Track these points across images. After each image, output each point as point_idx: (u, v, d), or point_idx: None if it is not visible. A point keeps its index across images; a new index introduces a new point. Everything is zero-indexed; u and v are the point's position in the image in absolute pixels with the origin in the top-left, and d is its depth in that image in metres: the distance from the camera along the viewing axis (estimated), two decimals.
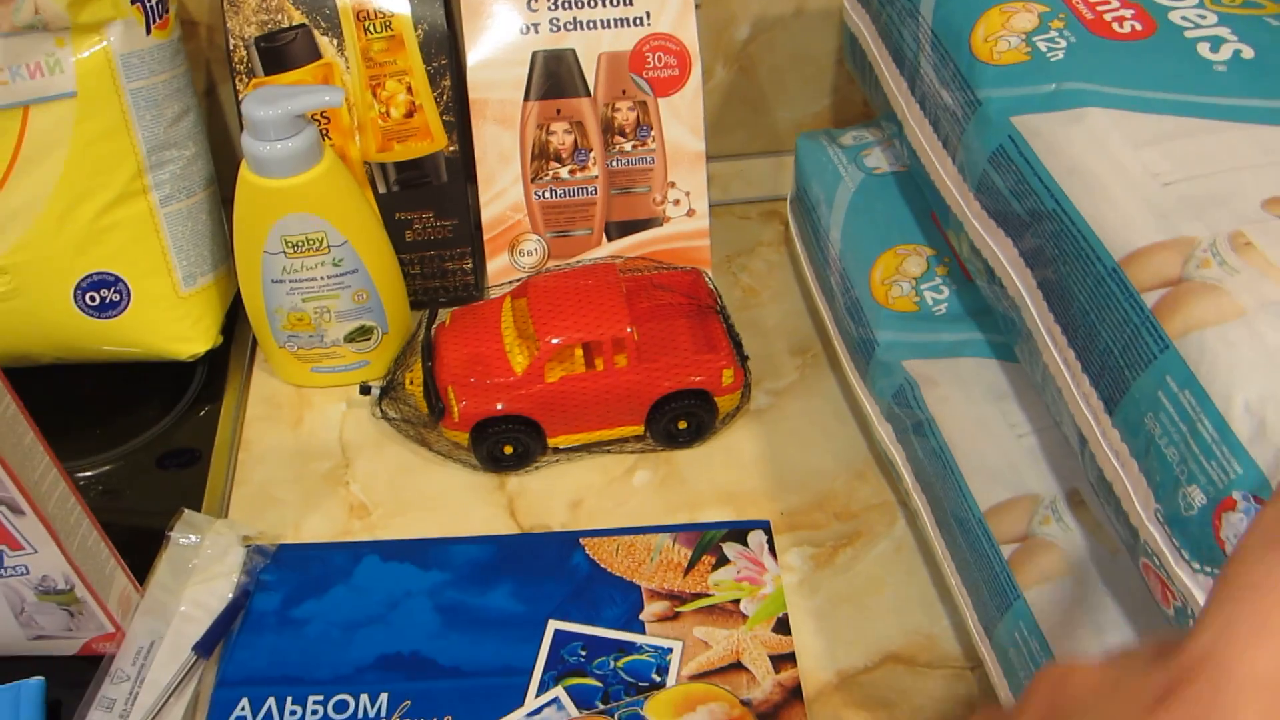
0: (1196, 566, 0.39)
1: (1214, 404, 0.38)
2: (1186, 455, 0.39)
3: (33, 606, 0.55)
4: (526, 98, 0.73)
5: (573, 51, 0.72)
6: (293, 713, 0.57)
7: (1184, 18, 0.52)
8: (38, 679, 0.56)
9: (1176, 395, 0.40)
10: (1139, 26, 0.52)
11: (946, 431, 0.57)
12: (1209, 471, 0.38)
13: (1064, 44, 0.52)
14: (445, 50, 0.72)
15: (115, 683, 0.56)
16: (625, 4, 0.72)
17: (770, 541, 0.65)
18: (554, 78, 0.72)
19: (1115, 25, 0.52)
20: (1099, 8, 0.53)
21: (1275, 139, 0.46)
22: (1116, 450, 0.43)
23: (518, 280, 0.72)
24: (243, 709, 0.57)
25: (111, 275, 0.69)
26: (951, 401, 0.57)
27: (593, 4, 0.72)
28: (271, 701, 0.57)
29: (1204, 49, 0.50)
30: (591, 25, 0.72)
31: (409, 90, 0.72)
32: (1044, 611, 0.50)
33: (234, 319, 0.77)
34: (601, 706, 0.57)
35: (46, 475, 0.52)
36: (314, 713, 0.57)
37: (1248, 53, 0.50)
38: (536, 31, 0.72)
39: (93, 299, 0.69)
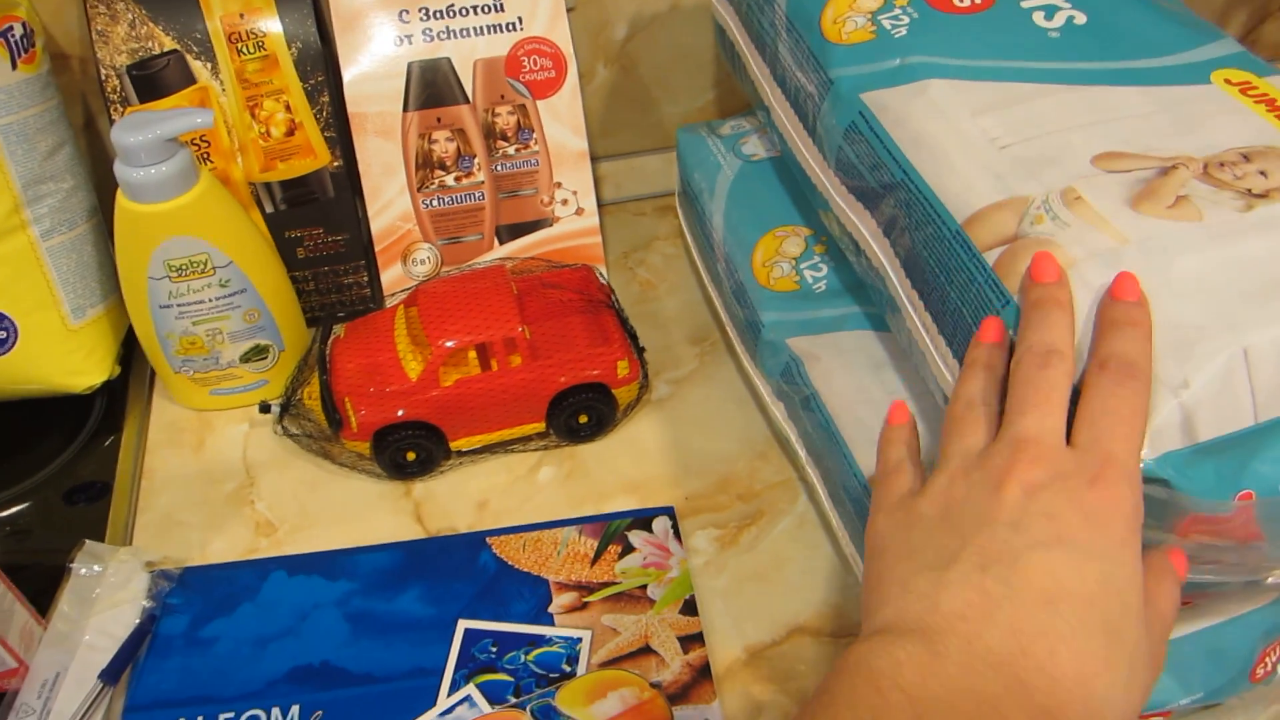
0: None
1: None
2: None
3: None
4: (406, 108, 0.73)
5: (448, 60, 0.73)
6: None
7: None
8: None
9: None
10: (978, 0, 0.54)
11: (829, 403, 0.58)
12: None
13: (907, 20, 0.54)
14: (321, 67, 0.72)
15: (20, 716, 0.56)
16: (497, 10, 0.73)
17: (675, 526, 0.66)
18: (432, 87, 0.73)
19: (955, 0, 0.54)
20: None
21: (1104, 98, 0.48)
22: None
23: (411, 289, 0.73)
24: None
25: None
26: (833, 374, 0.59)
27: (464, 13, 0.73)
28: None
29: (1039, 17, 0.53)
30: (465, 33, 0.73)
31: (287, 109, 0.73)
32: None
33: (131, 348, 0.76)
34: (514, 700, 0.58)
35: None
36: None
37: (1080, 18, 0.52)
38: (411, 43, 0.73)
39: None
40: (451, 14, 0.72)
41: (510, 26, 0.73)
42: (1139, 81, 0.49)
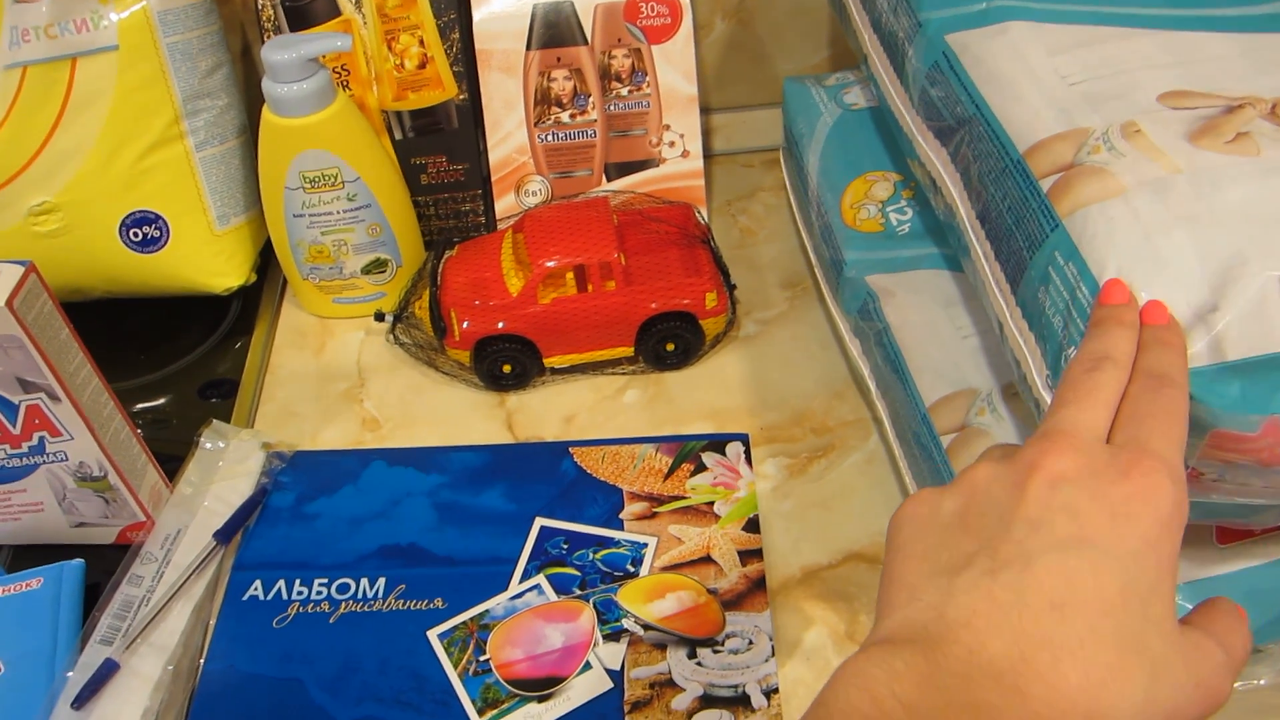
0: None
1: (1091, 273, 0.42)
2: (1068, 320, 0.42)
3: (73, 493, 0.62)
4: (529, 47, 0.78)
5: (571, 3, 0.77)
6: (299, 593, 0.63)
7: None
8: (78, 560, 0.63)
9: (1062, 268, 0.43)
10: None
11: (899, 336, 0.60)
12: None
13: None
14: (454, 5, 0.77)
15: (144, 563, 0.63)
16: None
17: (747, 452, 0.69)
18: (554, 28, 0.78)
19: None
20: None
21: (1182, 42, 0.49)
22: (1019, 328, 0.46)
23: (520, 215, 0.78)
24: (255, 588, 0.63)
25: (152, 213, 0.76)
26: (906, 309, 0.61)
27: None
28: (281, 583, 0.63)
29: None
30: None
31: (421, 43, 0.78)
32: None
33: (267, 258, 0.83)
34: (578, 592, 0.62)
35: (81, 369, 0.58)
36: (319, 593, 0.63)
37: None
38: None
39: (136, 235, 0.76)
40: None
41: None
42: (1221, 28, 0.49)
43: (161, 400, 0.77)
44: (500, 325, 0.71)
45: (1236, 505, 0.42)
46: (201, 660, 0.60)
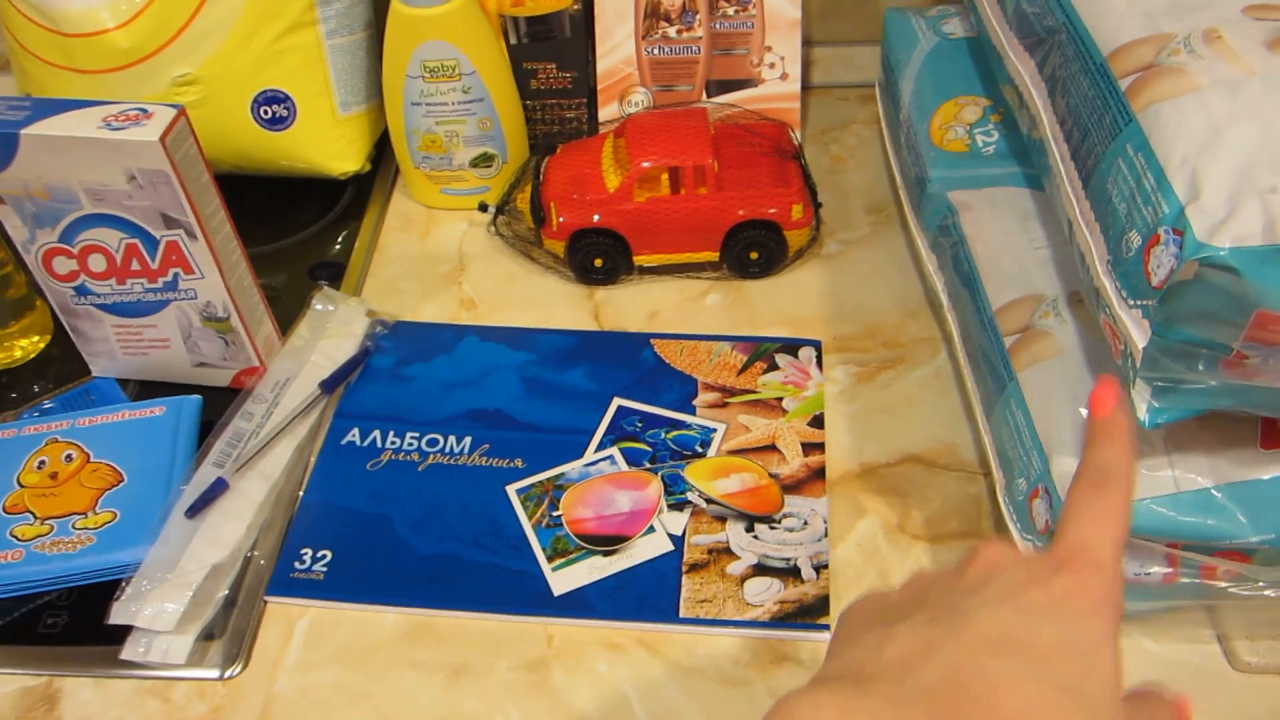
0: (1132, 303, 0.45)
1: (1158, 160, 0.44)
2: (1131, 206, 0.45)
3: (198, 331, 0.68)
4: None
5: None
6: (392, 442, 0.68)
7: None
8: (197, 396, 0.69)
9: (1131, 159, 0.46)
10: None
11: (974, 247, 0.63)
12: (1145, 216, 0.44)
13: None
14: None
15: (255, 402, 0.69)
16: None
17: (819, 357, 0.72)
18: None
19: None
20: None
21: None
22: (1087, 220, 0.49)
23: (622, 119, 0.82)
24: (353, 436, 0.68)
25: (282, 93, 0.81)
26: (983, 221, 0.64)
27: None
28: (376, 432, 0.69)
29: None
30: None
31: None
32: (1031, 389, 0.56)
33: (381, 150, 0.88)
34: (648, 466, 0.66)
35: (217, 213, 0.64)
36: (409, 444, 0.68)
37: None
38: None
39: (266, 112, 0.82)
40: None
41: None
42: None
43: (272, 276, 0.82)
44: (595, 219, 0.75)
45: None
46: (300, 491, 0.66)
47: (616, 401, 0.70)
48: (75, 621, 0.60)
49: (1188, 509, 0.51)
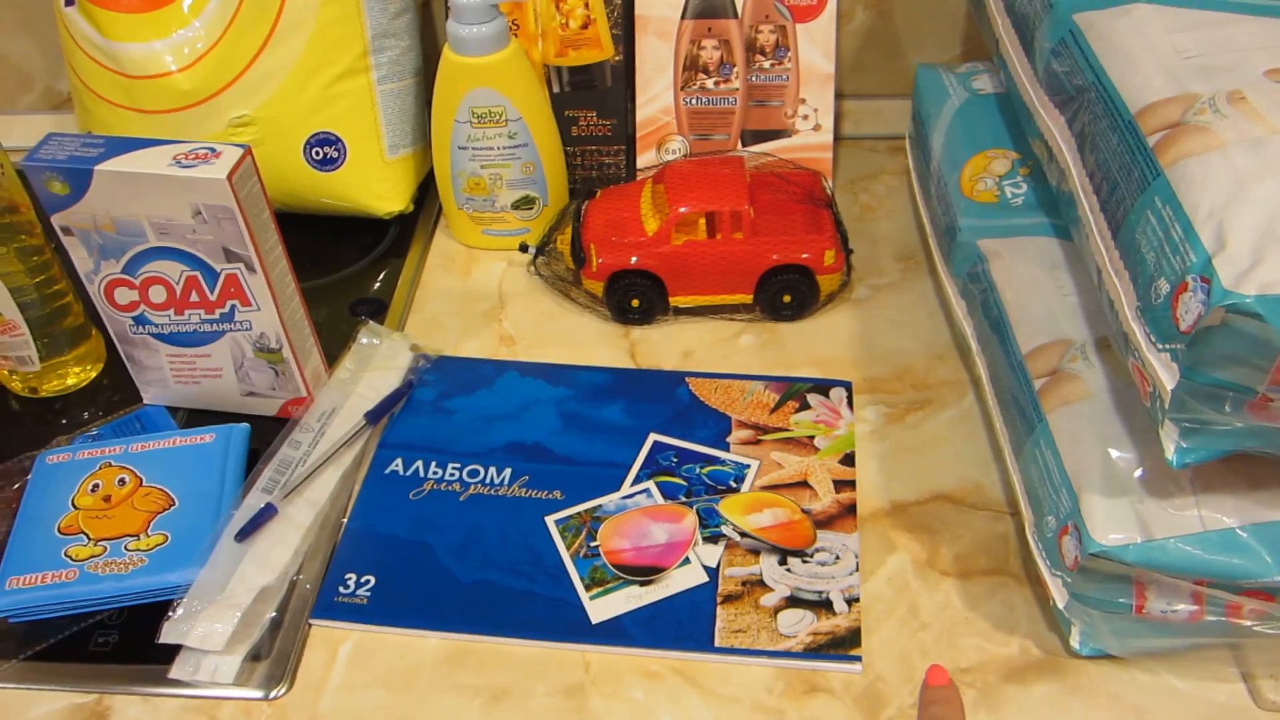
0: (1161, 347, 0.47)
1: (1185, 212, 0.46)
2: (1160, 256, 0.47)
3: (250, 362, 0.71)
4: (683, 16, 0.85)
5: None
6: (434, 473, 0.70)
7: None
8: (245, 425, 0.72)
9: (1160, 210, 0.48)
10: None
11: (1004, 293, 0.65)
12: (1174, 264, 0.46)
13: None
14: None
15: (302, 431, 0.71)
16: None
17: (850, 397, 0.74)
18: (708, 1, 0.85)
19: None
20: None
21: None
22: (1116, 268, 0.51)
23: (661, 165, 0.84)
24: (396, 465, 0.71)
25: (334, 135, 0.84)
26: (1012, 268, 0.66)
27: None
28: (419, 463, 0.71)
29: None
30: None
31: (586, 5, 0.86)
32: (1060, 430, 0.58)
33: (425, 191, 0.91)
34: (684, 499, 0.68)
35: (275, 248, 0.67)
36: (451, 474, 0.70)
37: None
38: None
39: (318, 153, 0.85)
40: None
41: None
42: None
43: (315, 311, 0.84)
44: (634, 260, 0.77)
45: None
46: (345, 518, 0.68)
47: (652, 437, 0.72)
48: (125, 641, 0.62)
49: (1213, 548, 0.52)
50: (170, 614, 0.61)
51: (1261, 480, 0.53)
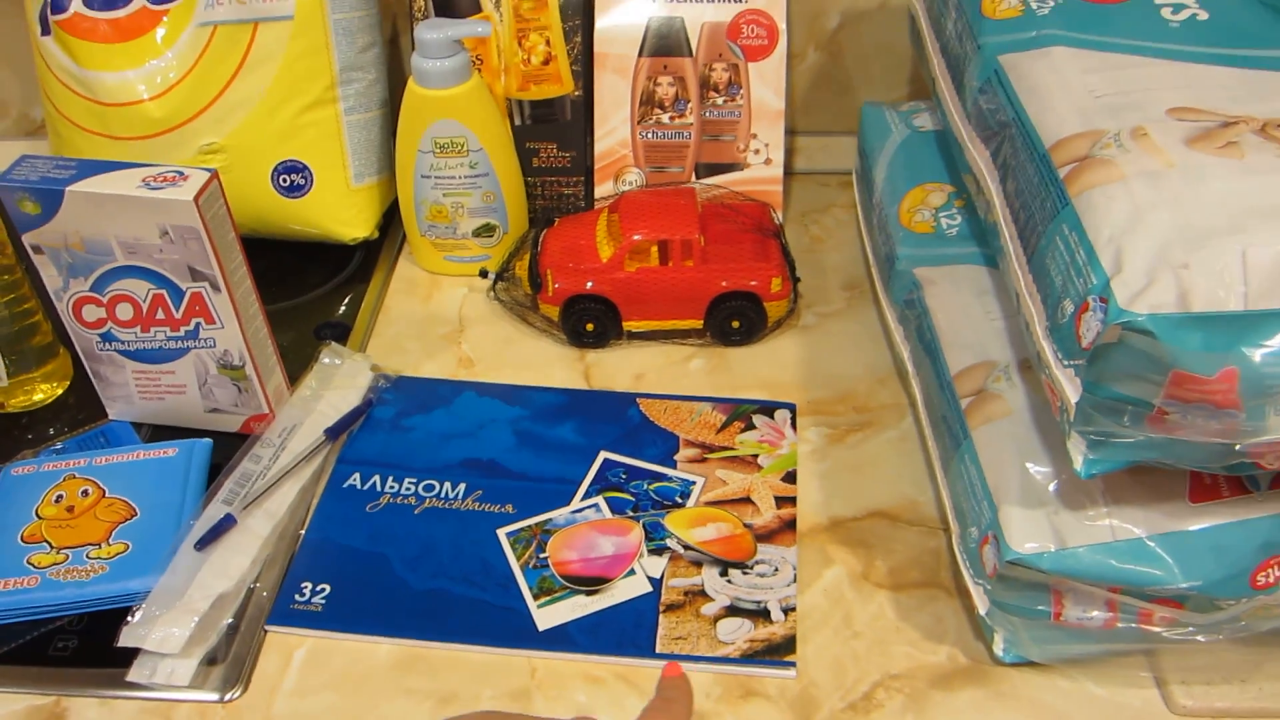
0: (1066, 363, 0.50)
1: (1088, 238, 0.50)
2: (1066, 279, 0.51)
3: (213, 379, 0.73)
4: (640, 54, 0.89)
5: (681, 19, 0.88)
6: (391, 487, 0.72)
7: None
8: (208, 440, 0.74)
9: (1067, 237, 0.51)
10: None
11: (936, 317, 0.69)
12: (1077, 286, 0.50)
13: (1051, 4, 0.64)
14: (579, 12, 0.89)
15: (263, 446, 0.73)
16: None
17: (793, 419, 0.77)
18: (664, 40, 0.88)
19: None
20: None
21: (1199, 72, 0.57)
22: (1030, 291, 0.55)
23: (617, 195, 0.88)
24: (354, 479, 0.73)
25: (301, 163, 0.87)
26: (944, 296, 0.70)
27: None
28: (376, 477, 0.73)
29: (1166, 11, 0.62)
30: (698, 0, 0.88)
31: (547, 43, 0.89)
32: (983, 446, 0.61)
33: (389, 219, 0.94)
34: (631, 514, 0.71)
35: (239, 268, 0.69)
36: (407, 489, 0.72)
37: (1202, 15, 0.62)
38: (654, 1, 0.88)
39: (285, 180, 0.88)
40: None
41: None
42: (1235, 64, 0.58)
43: (281, 334, 0.87)
44: (589, 285, 0.80)
45: (1202, 449, 0.50)
46: (303, 530, 0.70)
47: (603, 455, 0.75)
48: (85, 646, 0.64)
49: (1123, 557, 0.55)
50: (129, 619, 0.62)
51: (1169, 492, 0.56)
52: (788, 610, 0.65)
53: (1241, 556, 0.55)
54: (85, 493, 0.69)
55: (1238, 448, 0.48)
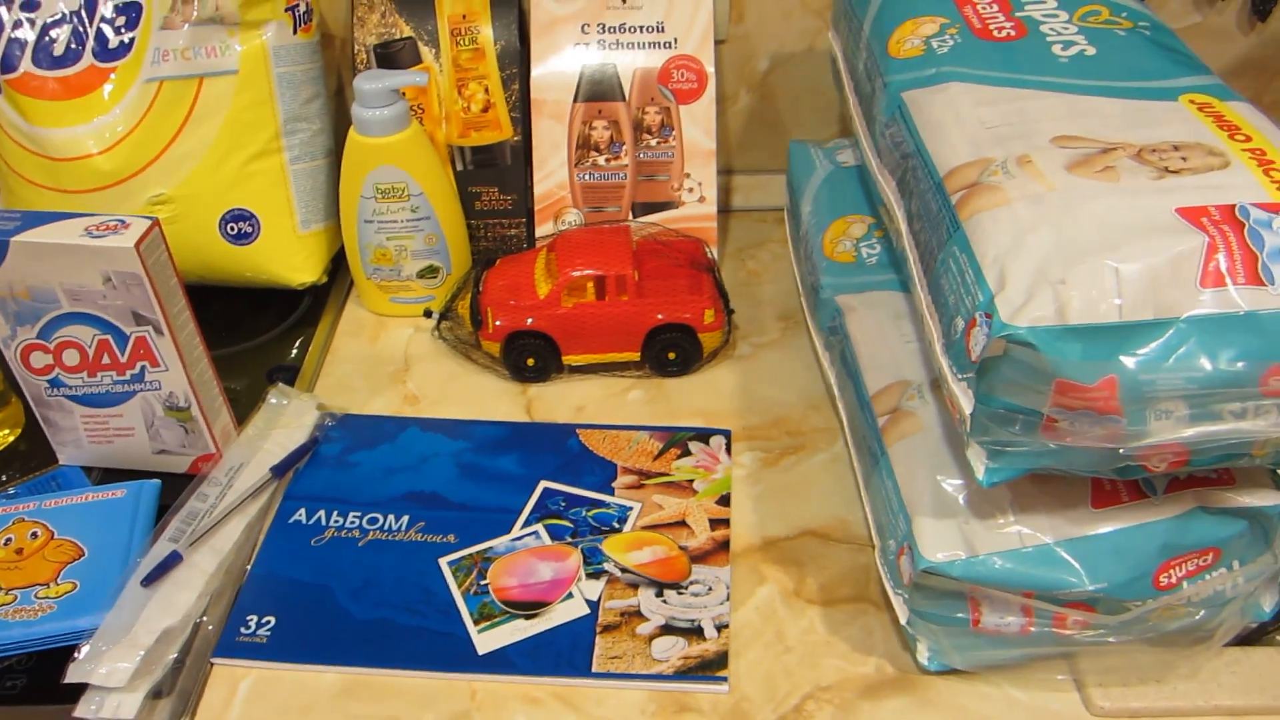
0: (959, 376, 0.53)
1: (975, 258, 0.53)
2: (957, 298, 0.54)
3: (160, 420, 0.75)
4: (575, 100, 0.92)
5: (614, 66, 0.92)
6: (336, 521, 0.74)
7: (1051, 29, 0.68)
8: (156, 480, 0.75)
9: (958, 258, 0.55)
10: (1013, 33, 0.68)
11: (855, 341, 0.72)
12: (966, 304, 0.53)
13: (951, 43, 0.68)
14: (516, 62, 0.92)
15: (210, 485, 0.75)
16: (658, 31, 0.91)
17: (728, 445, 0.80)
18: (598, 85, 0.92)
19: (996, 31, 0.68)
20: (987, 20, 0.69)
21: (1083, 103, 0.61)
22: (930, 310, 0.58)
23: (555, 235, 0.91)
24: (300, 515, 0.75)
25: (248, 211, 0.90)
26: (863, 320, 0.73)
27: (632, 30, 0.92)
28: (321, 512, 0.75)
29: (1057, 49, 0.66)
30: (630, 46, 0.92)
31: (486, 91, 0.93)
32: (898, 461, 0.64)
33: (336, 265, 0.97)
34: (570, 540, 0.73)
35: (182, 312, 0.72)
36: (351, 522, 0.74)
37: (1090, 51, 0.66)
38: (587, 49, 0.92)
39: (233, 229, 0.90)
40: (622, 30, 0.91)
41: (667, 45, 0.91)
42: (1118, 95, 0.61)
43: (233, 379, 0.89)
44: (529, 322, 0.83)
45: (1092, 455, 0.52)
46: (249, 565, 0.72)
47: (543, 484, 0.77)
48: (33, 684, 0.65)
49: (1032, 563, 0.58)
50: (76, 655, 0.64)
51: (1072, 499, 0.59)
52: (721, 627, 0.67)
53: (1143, 559, 0.58)
54: (34, 535, 0.71)
55: (1123, 451, 0.51)
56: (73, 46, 0.86)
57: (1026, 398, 0.51)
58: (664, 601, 0.69)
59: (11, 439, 0.82)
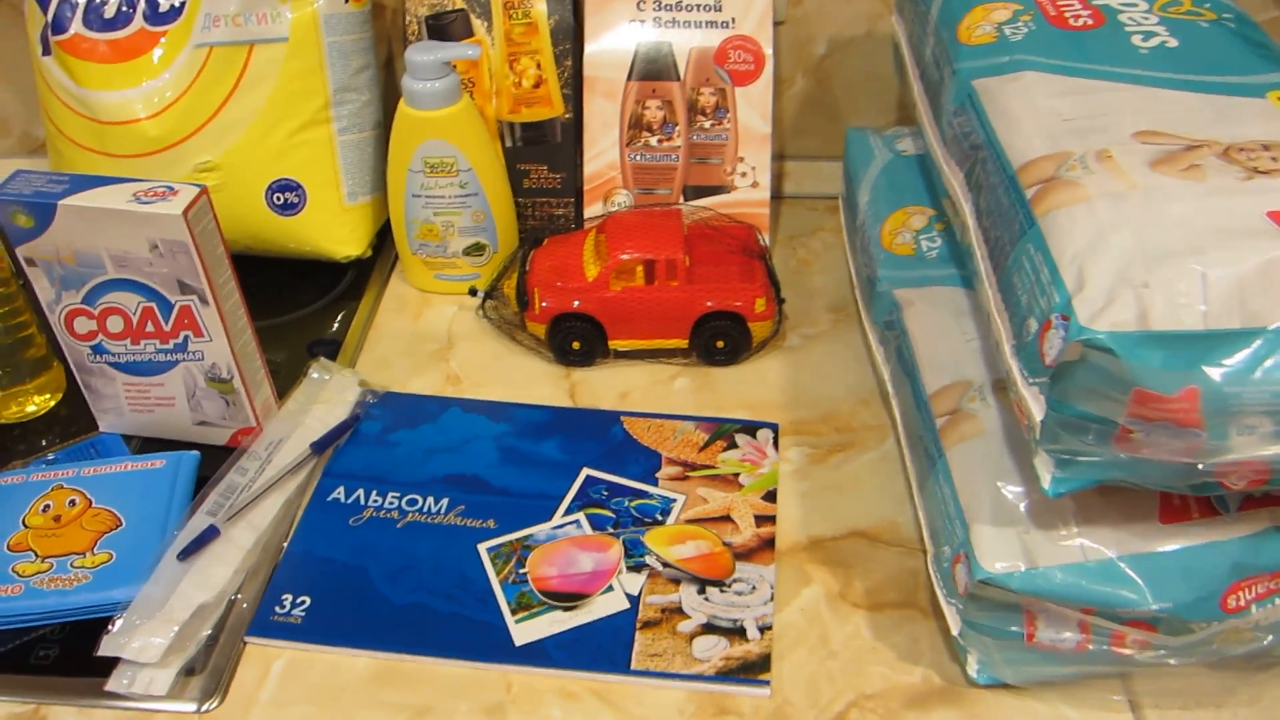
0: (1031, 380, 0.51)
1: (1052, 257, 0.51)
2: (1031, 297, 0.51)
3: (201, 391, 0.74)
4: (629, 78, 0.90)
5: (670, 44, 0.89)
6: (374, 501, 0.73)
7: (1130, 19, 0.65)
8: (195, 452, 0.75)
9: (1032, 256, 0.52)
10: (1090, 21, 0.65)
11: (914, 339, 0.70)
12: (1041, 305, 0.50)
13: (1025, 30, 0.65)
14: (570, 37, 0.90)
15: (250, 459, 0.74)
16: (715, 10, 0.89)
17: (776, 438, 0.78)
18: (652, 64, 0.90)
19: (1072, 20, 0.66)
20: (1062, 6, 0.66)
21: (1165, 97, 0.58)
22: (999, 310, 0.55)
23: (604, 216, 0.89)
24: (338, 493, 0.74)
25: (295, 181, 0.89)
26: (923, 317, 0.70)
27: (689, 8, 0.89)
28: (360, 491, 0.74)
29: (1137, 39, 0.63)
30: (686, 25, 0.89)
31: (538, 66, 0.91)
32: (957, 465, 0.62)
33: (382, 239, 0.96)
34: (611, 530, 0.71)
35: (228, 283, 0.70)
36: (390, 503, 0.73)
37: (1171, 43, 0.63)
38: (643, 27, 0.90)
39: (278, 199, 0.89)
40: (679, 8, 0.89)
41: (724, 24, 0.89)
42: (1201, 90, 0.58)
43: (274, 351, 0.88)
44: (575, 304, 0.81)
45: (1167, 469, 0.50)
46: (285, 542, 0.71)
47: (585, 471, 0.75)
48: (66, 654, 0.65)
49: (1094, 578, 0.56)
50: (109, 628, 0.63)
51: (1139, 513, 0.57)
52: (764, 629, 0.65)
53: (1212, 579, 0.55)
54: (72, 503, 0.70)
55: (1201, 467, 0.49)
56: (124, 9, 0.85)
57: (1101, 406, 0.49)
58: (706, 599, 0.67)
59: (52, 404, 0.82)
